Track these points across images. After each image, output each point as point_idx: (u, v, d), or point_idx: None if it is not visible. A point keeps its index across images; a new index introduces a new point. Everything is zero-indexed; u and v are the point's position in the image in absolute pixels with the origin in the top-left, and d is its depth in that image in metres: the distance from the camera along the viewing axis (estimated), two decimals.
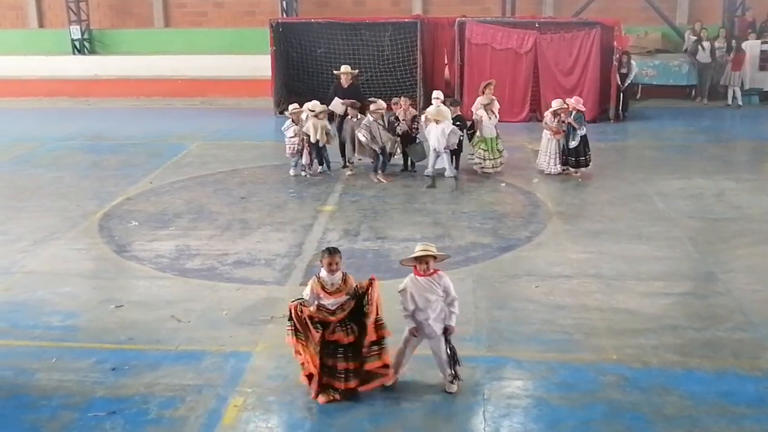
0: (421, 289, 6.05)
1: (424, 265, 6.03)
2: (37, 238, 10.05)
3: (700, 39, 19.16)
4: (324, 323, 6.03)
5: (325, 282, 6.04)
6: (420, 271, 6.06)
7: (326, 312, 6.04)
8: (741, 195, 11.56)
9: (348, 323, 6.07)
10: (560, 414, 5.88)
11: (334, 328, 6.04)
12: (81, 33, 23.95)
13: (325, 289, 6.02)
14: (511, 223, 10.50)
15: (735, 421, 5.75)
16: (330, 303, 6.03)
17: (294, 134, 12.63)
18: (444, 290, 6.08)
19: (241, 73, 21.51)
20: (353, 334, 6.06)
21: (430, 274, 6.05)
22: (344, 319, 6.06)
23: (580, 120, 12.41)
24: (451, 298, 6.12)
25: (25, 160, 14.70)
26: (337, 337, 6.05)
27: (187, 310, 7.80)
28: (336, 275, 6.05)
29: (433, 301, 6.05)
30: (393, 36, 18.64)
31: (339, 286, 6.04)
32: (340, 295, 6.04)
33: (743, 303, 7.78)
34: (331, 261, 6.02)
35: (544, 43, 17.20)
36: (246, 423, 5.86)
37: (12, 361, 6.83)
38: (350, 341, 6.06)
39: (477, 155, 12.73)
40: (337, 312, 6.04)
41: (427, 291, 6.04)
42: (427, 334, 6.14)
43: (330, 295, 6.02)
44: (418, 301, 6.06)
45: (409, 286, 6.10)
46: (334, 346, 6.06)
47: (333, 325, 6.04)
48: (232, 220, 10.75)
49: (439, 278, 6.09)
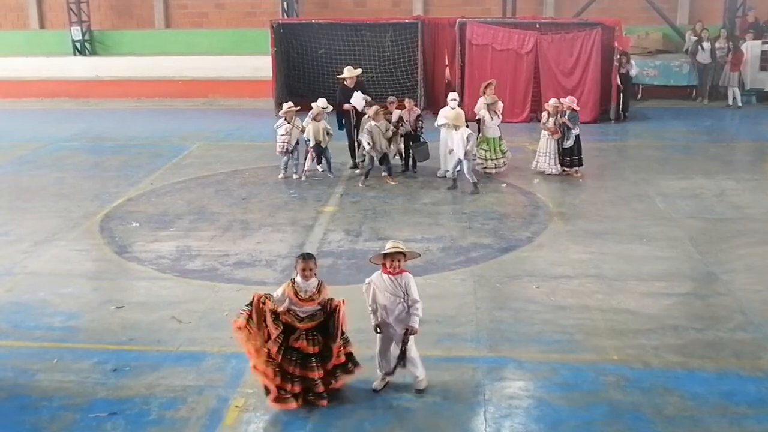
0: (383, 287, 6.03)
1: (396, 263, 5.98)
2: (39, 239, 10.06)
3: (701, 39, 19.15)
4: (290, 328, 5.91)
5: (299, 287, 5.91)
6: (389, 269, 6.02)
7: (294, 317, 5.93)
8: (742, 195, 11.56)
9: (314, 333, 5.94)
10: (561, 414, 5.88)
11: (299, 335, 5.92)
12: (82, 34, 23.98)
13: (298, 295, 5.89)
14: (512, 223, 10.50)
15: (736, 422, 5.74)
16: (301, 310, 5.92)
17: (285, 132, 12.62)
18: (405, 291, 6.01)
19: (242, 74, 21.54)
20: (318, 344, 5.93)
21: (395, 274, 6.01)
22: (311, 329, 5.94)
23: (575, 119, 12.41)
24: (412, 300, 6.03)
25: (26, 161, 14.72)
26: (299, 345, 5.91)
27: (188, 311, 7.81)
28: (311, 282, 5.92)
29: (391, 301, 6.01)
30: (394, 37, 18.65)
31: (312, 294, 5.92)
32: (312, 303, 5.92)
33: (744, 303, 7.78)
34: (305, 266, 5.89)
35: (544, 43, 17.21)
36: (247, 424, 5.86)
37: (13, 361, 6.84)
38: (315, 351, 5.92)
39: (478, 155, 12.73)
40: (306, 320, 5.93)
41: (388, 290, 6.01)
42: (390, 334, 6.11)
43: (302, 302, 5.89)
44: (380, 299, 6.03)
45: (374, 282, 6.09)
46: (300, 355, 5.92)
47: (299, 332, 5.92)
48: (233, 221, 10.75)
49: (402, 278, 6.03)
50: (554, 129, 12.48)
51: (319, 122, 12.62)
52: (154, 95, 21.84)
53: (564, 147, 12.49)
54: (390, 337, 6.16)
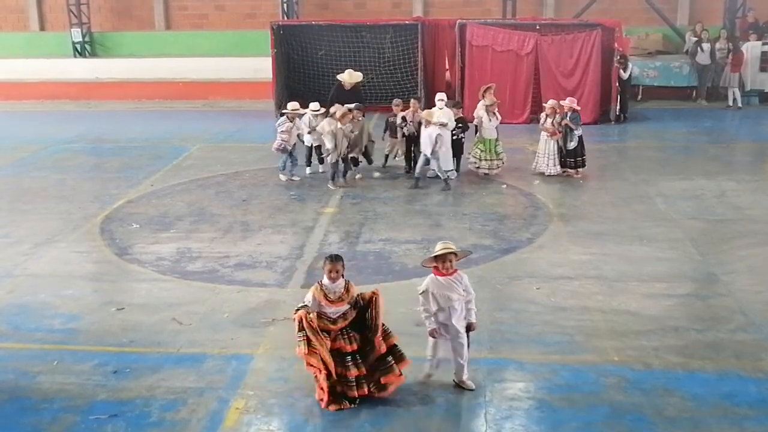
0: (442, 288, 6.01)
1: (448, 264, 5.99)
2: (39, 240, 10.06)
3: (701, 40, 19.15)
4: (325, 331, 5.94)
5: (327, 289, 5.95)
6: (442, 271, 6.02)
7: (327, 320, 5.96)
8: (742, 196, 11.55)
9: (349, 331, 5.99)
10: (562, 416, 5.87)
11: (336, 337, 5.97)
12: (82, 36, 23.98)
13: (327, 297, 5.93)
14: (513, 224, 10.50)
15: (737, 423, 5.74)
16: (332, 311, 5.95)
17: (286, 130, 12.64)
18: (465, 289, 6.06)
19: (242, 76, 21.54)
20: (356, 342, 5.98)
21: (451, 274, 6.03)
22: (345, 328, 5.99)
23: (576, 120, 12.40)
24: (471, 296, 6.12)
25: (27, 162, 14.72)
26: (339, 346, 5.96)
27: (188, 313, 7.80)
28: (338, 283, 5.97)
29: (455, 300, 6.03)
30: (394, 38, 18.66)
31: (341, 294, 5.96)
32: (342, 304, 5.96)
33: (745, 304, 7.78)
34: (332, 268, 5.94)
35: (544, 44, 17.21)
36: (248, 425, 5.86)
37: (14, 363, 6.84)
38: (353, 349, 5.98)
39: (473, 155, 12.73)
40: (339, 321, 5.97)
41: (448, 290, 6.01)
42: (452, 335, 6.10)
43: (332, 303, 5.93)
44: (440, 301, 6.03)
45: (431, 286, 6.07)
46: (339, 354, 5.97)
47: (334, 333, 5.96)
48: (234, 223, 10.75)
49: (460, 277, 6.08)
50: (553, 130, 12.48)
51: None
52: (155, 97, 21.84)
53: (568, 149, 12.47)
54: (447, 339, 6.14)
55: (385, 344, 6.04)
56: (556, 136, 12.47)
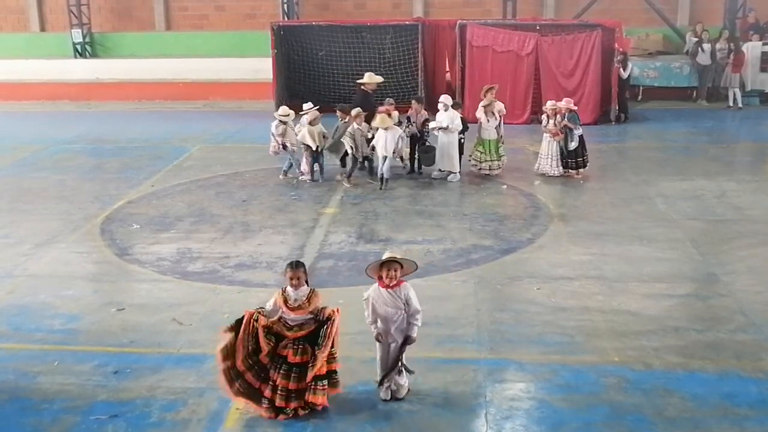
0: (382, 301, 5.91)
1: (392, 272, 5.81)
2: (40, 241, 10.06)
3: (701, 41, 19.15)
4: (279, 336, 5.87)
5: (288, 296, 5.84)
6: (385, 281, 5.87)
7: (284, 326, 5.87)
8: (742, 196, 11.55)
9: (301, 343, 5.86)
10: (562, 416, 5.87)
11: (287, 344, 5.86)
12: (82, 36, 23.98)
13: (287, 304, 5.82)
14: (513, 225, 10.50)
15: (737, 423, 5.74)
16: (290, 318, 5.85)
17: (281, 132, 12.68)
18: (405, 302, 5.92)
19: (242, 76, 21.53)
20: (304, 355, 5.84)
21: (393, 287, 5.89)
22: (300, 338, 5.86)
23: (575, 119, 12.39)
24: (413, 310, 5.94)
25: (27, 163, 14.73)
26: (286, 353, 5.84)
27: (188, 313, 7.81)
28: (300, 291, 5.84)
29: (393, 314, 5.91)
30: (394, 39, 18.67)
31: (302, 303, 5.82)
32: (302, 312, 5.83)
33: (745, 304, 7.78)
34: (293, 276, 5.81)
35: (545, 45, 17.21)
36: (248, 426, 5.85)
37: (14, 364, 6.84)
38: (297, 361, 5.83)
39: (473, 157, 12.74)
40: (295, 329, 5.85)
41: (388, 304, 5.89)
42: (390, 342, 6.04)
43: (291, 310, 5.82)
44: (380, 312, 5.93)
45: (372, 296, 5.96)
46: (282, 361, 5.86)
47: (287, 340, 5.86)
48: (234, 223, 10.75)
49: (401, 290, 5.92)
50: (555, 131, 12.48)
51: (315, 126, 12.59)
52: (155, 97, 21.84)
53: (569, 149, 12.46)
54: (389, 346, 6.09)
55: (326, 366, 5.90)
56: (558, 137, 12.47)
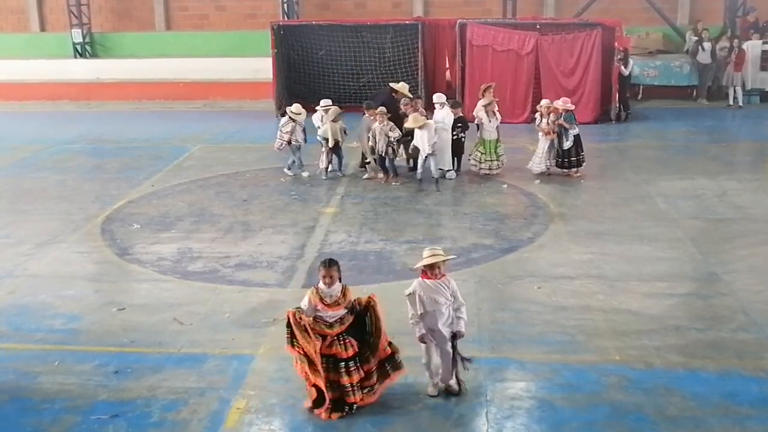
0: (429, 291, 5.98)
1: (436, 270, 5.97)
2: (40, 241, 10.06)
3: (701, 39, 19.15)
4: (321, 336, 5.88)
5: (323, 294, 5.88)
6: (430, 275, 6.00)
7: (324, 324, 5.90)
8: (743, 195, 11.54)
9: (345, 337, 5.90)
10: (563, 415, 5.87)
11: (332, 342, 5.89)
12: (82, 36, 24.00)
13: (323, 301, 5.86)
14: (513, 224, 10.49)
15: (739, 422, 5.74)
16: (328, 315, 5.89)
17: (290, 130, 12.69)
18: (452, 294, 6.03)
19: (242, 76, 21.54)
20: (352, 348, 5.90)
21: (439, 278, 6.01)
22: (342, 333, 5.91)
23: (571, 119, 12.36)
24: (459, 303, 6.07)
25: (27, 163, 14.73)
26: (334, 352, 5.88)
27: (189, 313, 7.80)
28: (334, 287, 5.89)
29: (442, 303, 6.00)
30: (394, 38, 18.66)
31: (338, 298, 5.88)
32: (339, 308, 5.89)
33: (746, 303, 7.77)
34: (326, 274, 5.85)
35: (545, 44, 17.21)
36: (249, 426, 5.86)
37: (15, 364, 6.84)
38: (349, 355, 5.89)
39: (473, 157, 12.74)
40: (335, 325, 5.90)
41: (435, 293, 5.98)
42: (438, 340, 6.08)
43: (328, 307, 5.86)
44: (427, 304, 5.99)
45: (418, 289, 6.03)
46: (334, 360, 5.89)
47: (330, 338, 5.89)
48: (234, 223, 10.75)
49: (448, 282, 6.04)
50: (547, 129, 12.48)
51: (336, 123, 12.63)
52: (155, 97, 21.85)
53: (563, 148, 12.45)
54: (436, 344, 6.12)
55: (390, 347, 6.00)
56: (550, 136, 12.47)
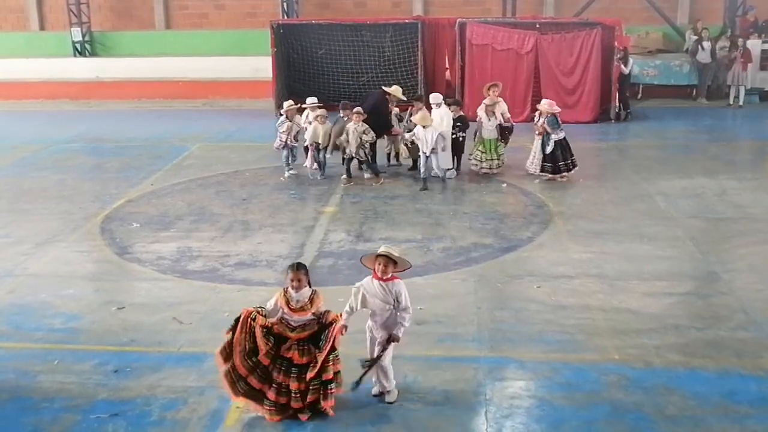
0: (373, 292, 5.89)
1: (381, 267, 5.83)
2: (40, 240, 10.06)
3: (701, 39, 19.14)
4: (281, 337, 5.85)
5: (290, 297, 5.82)
6: (378, 274, 5.88)
7: (287, 327, 5.85)
8: (743, 194, 11.54)
9: (306, 344, 5.84)
10: (563, 414, 5.87)
11: (291, 345, 5.83)
12: (82, 35, 23.99)
13: (289, 305, 5.81)
14: (513, 223, 10.50)
15: (738, 421, 5.74)
16: (293, 320, 5.83)
17: (286, 130, 12.67)
18: (395, 298, 5.89)
19: (242, 75, 21.54)
20: (308, 355, 5.82)
21: (386, 280, 5.88)
22: (303, 339, 5.85)
23: (553, 123, 12.12)
24: (403, 307, 5.90)
25: (27, 162, 14.72)
26: (291, 355, 5.82)
27: (189, 312, 7.81)
28: (302, 292, 5.82)
29: (380, 307, 5.89)
30: (394, 37, 18.65)
31: (304, 304, 5.81)
32: (304, 313, 5.81)
33: (746, 302, 7.78)
34: (294, 277, 5.79)
35: (544, 43, 17.20)
36: (248, 424, 5.86)
37: (14, 363, 6.84)
38: (303, 362, 5.81)
39: (474, 157, 12.73)
40: (298, 330, 5.84)
41: (378, 296, 5.88)
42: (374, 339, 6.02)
43: (293, 312, 5.81)
44: (370, 304, 5.91)
45: (364, 286, 5.94)
46: (288, 363, 5.83)
47: (290, 341, 5.84)
48: (234, 222, 10.75)
49: (393, 285, 5.89)
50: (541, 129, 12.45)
51: (323, 125, 12.59)
52: (155, 96, 21.83)
53: (545, 152, 12.24)
54: (373, 343, 6.06)
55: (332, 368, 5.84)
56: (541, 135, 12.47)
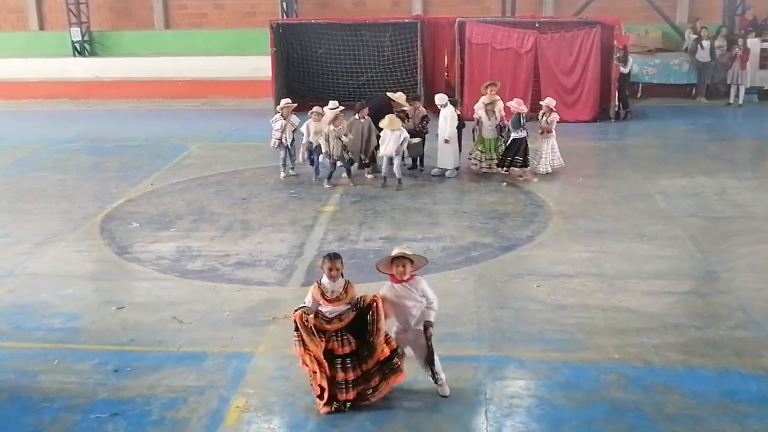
0: (398, 296, 5.92)
1: (400, 269, 5.86)
2: (40, 240, 10.06)
3: (700, 38, 19.14)
4: (320, 331, 5.87)
5: (325, 289, 5.87)
6: (396, 277, 5.92)
7: (323, 320, 5.89)
8: (742, 193, 11.55)
9: (344, 334, 5.89)
10: (563, 413, 5.88)
11: (329, 338, 5.88)
12: (81, 35, 23.99)
13: (324, 296, 5.86)
14: (513, 222, 10.50)
15: (738, 420, 5.75)
16: (328, 311, 5.88)
17: (280, 127, 12.66)
18: (422, 294, 5.94)
19: (241, 74, 21.53)
20: (349, 345, 5.88)
21: (407, 280, 5.93)
22: (341, 329, 5.89)
23: (515, 123, 12.20)
24: (430, 300, 5.98)
25: (27, 162, 14.72)
26: (331, 347, 5.87)
27: (188, 312, 7.81)
28: (337, 282, 5.89)
29: (411, 307, 5.94)
30: (393, 36, 18.65)
31: (339, 294, 5.87)
32: (340, 303, 5.88)
33: (745, 301, 7.78)
34: (332, 266, 5.85)
35: (544, 42, 17.19)
36: (248, 424, 5.86)
37: (14, 363, 6.85)
38: (345, 352, 5.88)
39: (473, 156, 12.74)
40: (334, 321, 5.89)
41: (406, 297, 5.91)
42: (411, 339, 6.07)
43: (329, 302, 5.86)
44: (399, 307, 5.94)
45: (387, 295, 5.96)
46: (330, 356, 5.88)
47: (328, 333, 5.88)
48: (234, 221, 10.76)
49: (416, 283, 5.95)
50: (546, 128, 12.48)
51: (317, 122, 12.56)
52: (154, 96, 21.82)
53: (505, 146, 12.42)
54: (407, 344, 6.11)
55: (387, 348, 5.96)
56: (544, 135, 12.48)
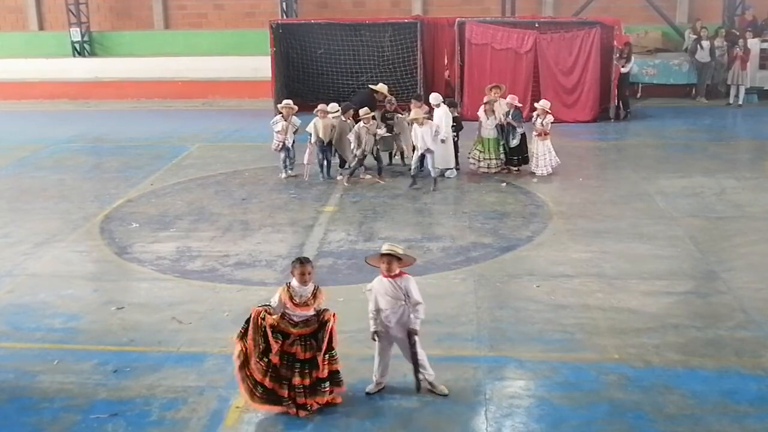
0: (384, 291, 5.97)
1: (388, 266, 5.91)
2: (39, 240, 10.06)
3: (700, 38, 19.15)
4: (284, 334, 5.87)
5: (294, 292, 5.85)
6: (385, 272, 5.96)
7: (289, 323, 5.88)
8: (742, 193, 11.55)
9: (308, 339, 5.88)
10: (562, 413, 5.88)
11: (293, 341, 5.87)
12: (81, 35, 23.97)
13: (293, 300, 5.84)
14: (512, 222, 10.50)
15: (737, 420, 5.74)
16: (295, 315, 5.86)
17: (282, 129, 12.66)
18: (406, 293, 5.95)
19: (241, 75, 21.53)
20: (311, 350, 5.87)
21: (394, 277, 5.96)
22: (305, 335, 5.88)
23: (517, 117, 12.38)
24: (414, 301, 5.97)
25: (26, 162, 14.72)
26: (294, 350, 5.86)
27: (188, 312, 7.81)
28: (307, 287, 5.86)
29: (393, 304, 5.96)
30: (393, 36, 18.64)
31: (308, 299, 5.86)
32: (307, 308, 5.86)
33: (745, 301, 7.78)
34: (303, 271, 5.82)
35: (544, 42, 17.19)
36: (248, 424, 5.86)
37: (14, 363, 6.84)
38: (307, 357, 5.86)
39: (472, 156, 12.75)
40: (300, 325, 5.88)
41: (388, 293, 5.95)
42: (392, 338, 6.07)
43: (297, 306, 5.84)
44: (381, 303, 5.98)
45: (375, 286, 6.03)
46: (292, 359, 5.87)
47: (293, 337, 5.87)
48: (233, 222, 10.75)
49: (402, 281, 5.97)
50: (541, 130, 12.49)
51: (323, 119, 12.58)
52: (154, 96, 21.82)
53: (511, 146, 12.54)
54: (390, 343, 6.13)
55: (327, 368, 5.90)
56: (540, 137, 12.49)
